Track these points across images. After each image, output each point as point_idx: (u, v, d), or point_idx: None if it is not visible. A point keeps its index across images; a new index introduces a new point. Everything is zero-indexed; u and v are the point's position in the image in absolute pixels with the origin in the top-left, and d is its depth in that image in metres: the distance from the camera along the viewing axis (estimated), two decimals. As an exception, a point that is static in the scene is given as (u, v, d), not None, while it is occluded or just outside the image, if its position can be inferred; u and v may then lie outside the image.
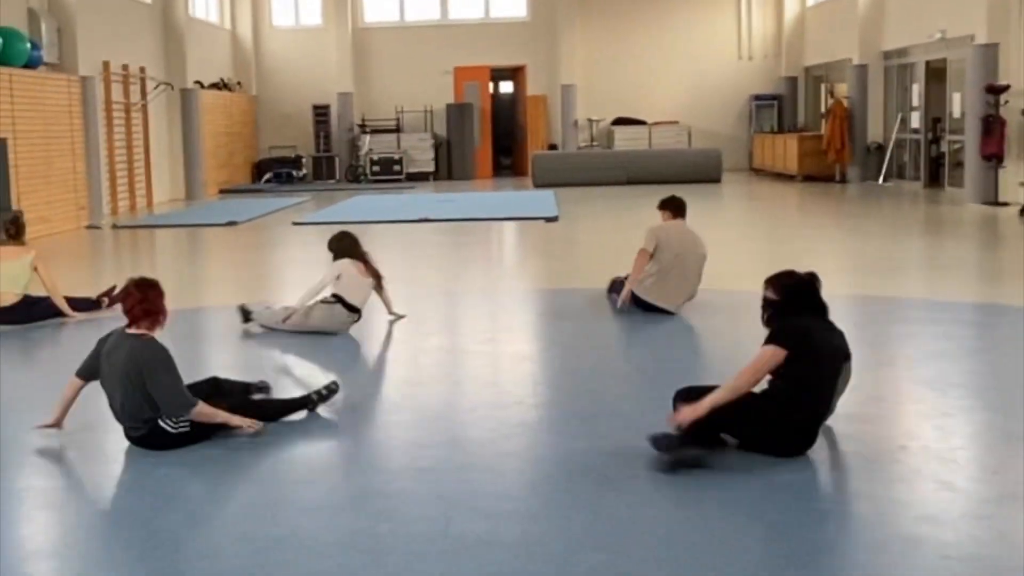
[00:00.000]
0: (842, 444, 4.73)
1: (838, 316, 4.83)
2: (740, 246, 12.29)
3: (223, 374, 5.66)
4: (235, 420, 4.96)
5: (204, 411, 4.86)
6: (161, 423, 4.83)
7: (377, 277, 7.56)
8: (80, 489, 4.65)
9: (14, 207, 12.52)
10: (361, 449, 5.01)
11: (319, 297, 7.36)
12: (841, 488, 4.27)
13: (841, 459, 4.54)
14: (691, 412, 4.43)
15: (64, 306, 8.06)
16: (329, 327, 7.31)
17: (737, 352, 7.03)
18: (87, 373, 5.02)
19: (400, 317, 7.79)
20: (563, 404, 5.66)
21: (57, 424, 5.05)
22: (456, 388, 6.22)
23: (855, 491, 4.25)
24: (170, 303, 5.09)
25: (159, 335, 4.96)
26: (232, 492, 4.44)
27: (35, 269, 8.13)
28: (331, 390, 5.45)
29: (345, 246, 7.57)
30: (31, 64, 14.85)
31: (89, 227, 15.85)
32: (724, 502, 4.11)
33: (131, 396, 4.79)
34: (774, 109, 25.49)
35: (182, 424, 4.84)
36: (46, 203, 14.94)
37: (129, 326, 4.92)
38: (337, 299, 7.33)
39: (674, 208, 8.26)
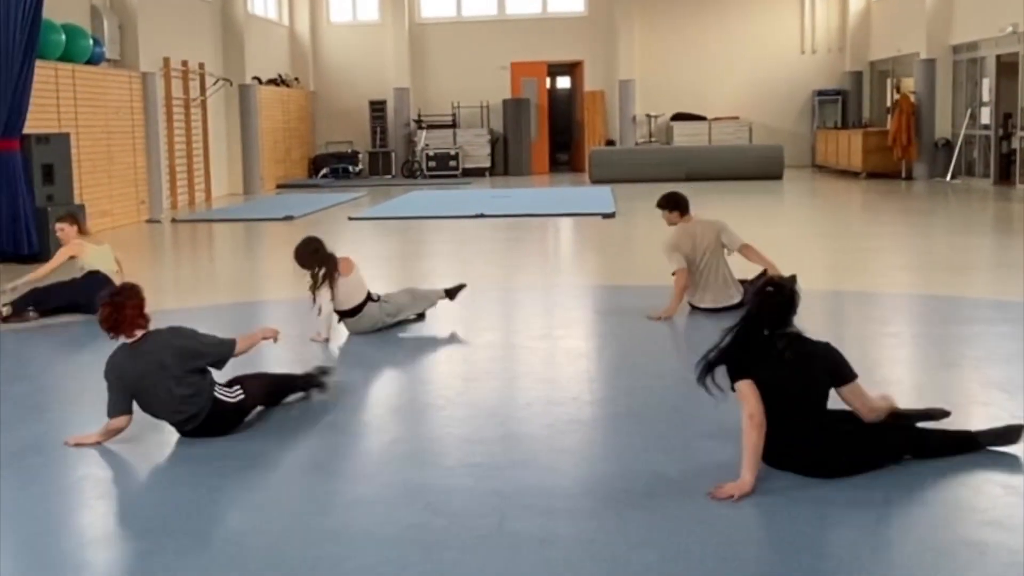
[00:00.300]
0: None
1: (904, 315, 4.64)
2: (802, 244, 12.05)
3: (278, 367, 5.64)
4: (267, 333, 5.41)
5: (242, 344, 5.12)
6: (217, 394, 4.89)
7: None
8: (136, 479, 4.65)
9: (76, 201, 12.66)
10: (415, 444, 4.95)
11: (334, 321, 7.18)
12: (906, 491, 4.09)
13: (906, 461, 4.36)
14: (738, 489, 4.04)
15: None
16: (368, 328, 7.20)
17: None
18: (126, 406, 4.91)
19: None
20: (619, 401, 5.54)
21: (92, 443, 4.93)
22: (511, 384, 6.13)
23: (920, 494, 4.08)
24: (227, 296, 5.07)
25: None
26: (286, 485, 4.41)
27: (117, 260, 8.36)
28: (323, 372, 5.61)
29: (320, 255, 7.09)
30: (93, 60, 15.03)
31: (149, 221, 16.03)
32: (784, 503, 3.97)
33: (181, 381, 4.81)
34: (838, 104, 25.03)
35: (236, 391, 4.96)
36: (107, 197, 15.13)
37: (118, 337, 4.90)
38: (341, 315, 7.18)
39: (683, 207, 8.03)
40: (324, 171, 24.94)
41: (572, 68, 27.05)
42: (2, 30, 11.24)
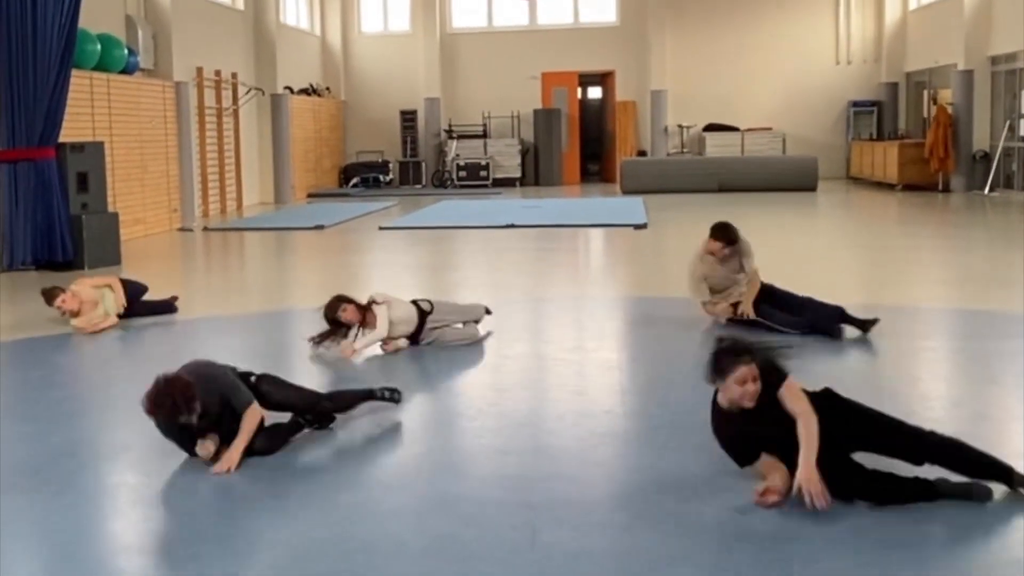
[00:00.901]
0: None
1: (941, 330, 4.53)
2: (838, 257, 11.93)
3: (309, 376, 5.59)
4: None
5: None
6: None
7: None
8: (170, 487, 4.61)
9: (110, 208, 12.74)
10: (447, 455, 4.90)
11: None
12: (945, 507, 3.97)
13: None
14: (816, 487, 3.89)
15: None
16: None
17: (832, 367, 6.74)
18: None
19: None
20: (653, 415, 5.46)
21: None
22: (543, 395, 6.07)
23: (959, 512, 3.95)
24: (258, 305, 5.04)
25: None
26: (319, 495, 4.36)
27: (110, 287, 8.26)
28: (392, 392, 5.43)
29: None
30: (128, 70, 15.15)
31: (181, 229, 16.11)
32: (825, 515, 3.87)
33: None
34: (873, 116, 24.79)
35: None
36: (141, 205, 15.22)
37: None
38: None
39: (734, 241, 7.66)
40: (355, 180, 25.01)
41: (603, 78, 26.99)
42: (39, 40, 11.33)
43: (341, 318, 6.73)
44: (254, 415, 4.70)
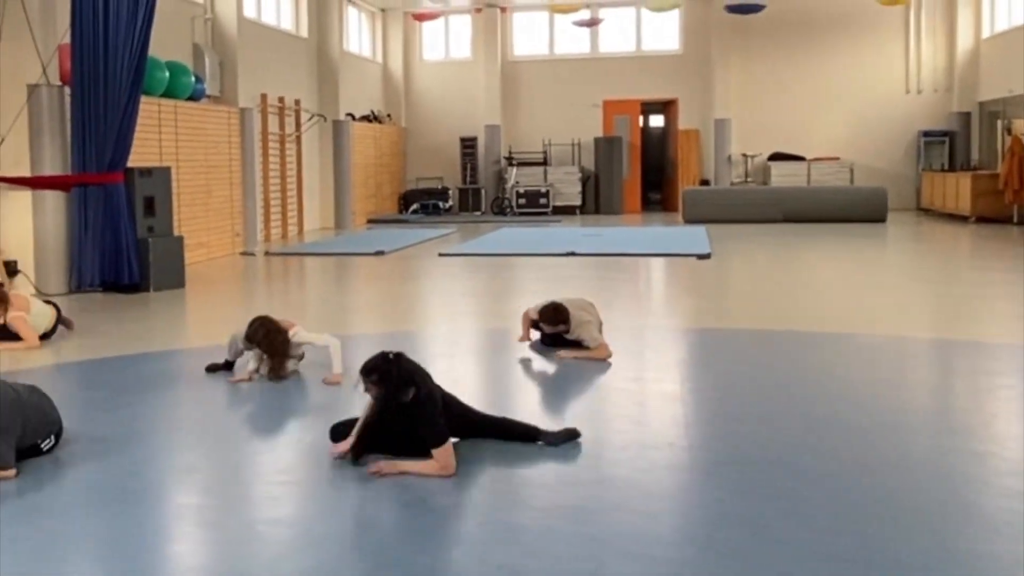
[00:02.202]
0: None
1: (1019, 366, 4.36)
2: (908, 290, 11.65)
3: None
4: None
5: None
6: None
7: None
8: (233, 507, 4.58)
9: (175, 232, 12.89)
10: (509, 484, 4.80)
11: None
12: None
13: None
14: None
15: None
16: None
17: (902, 401, 6.53)
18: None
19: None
20: (717, 448, 5.32)
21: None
22: (605, 426, 5.94)
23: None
24: (319, 328, 5.00)
25: None
26: (382, 522, 4.32)
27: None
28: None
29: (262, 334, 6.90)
30: (195, 96, 15.39)
31: (243, 253, 16.27)
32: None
33: None
34: (945, 146, 24.28)
35: None
36: (205, 229, 15.40)
37: None
38: None
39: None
40: (414, 207, 25.13)
41: (666, 106, 26.88)
42: (111, 68, 11.55)
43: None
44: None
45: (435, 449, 4.81)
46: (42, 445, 5.09)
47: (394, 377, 4.89)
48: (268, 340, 6.81)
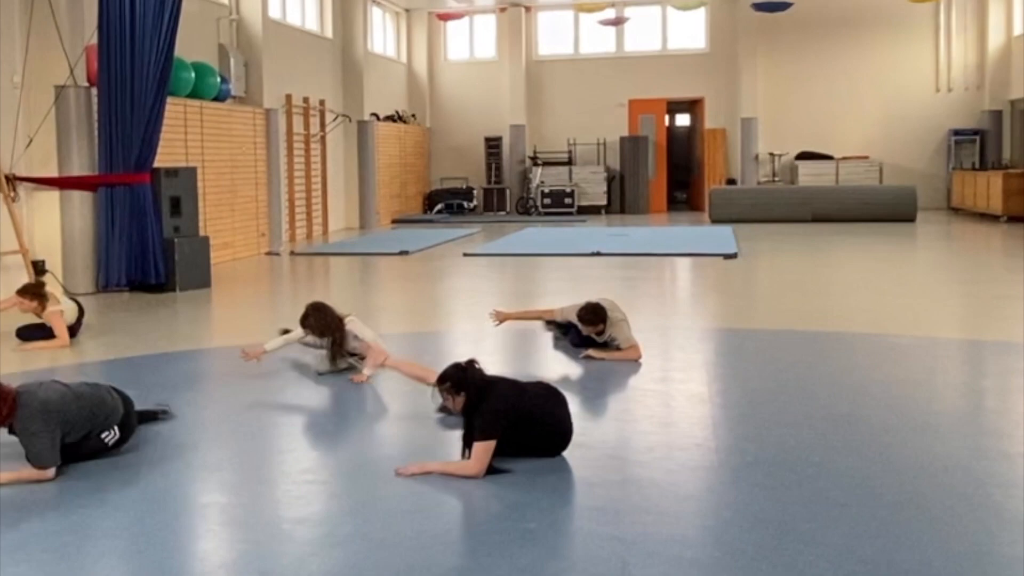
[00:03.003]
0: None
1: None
2: (939, 290, 11.53)
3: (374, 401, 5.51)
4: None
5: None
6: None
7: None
8: (258, 506, 4.58)
9: (201, 232, 12.94)
10: (534, 486, 4.76)
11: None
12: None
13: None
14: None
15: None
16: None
17: (932, 402, 6.45)
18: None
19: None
20: (746, 449, 5.26)
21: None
22: (631, 427, 5.89)
23: None
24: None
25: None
26: (408, 523, 4.29)
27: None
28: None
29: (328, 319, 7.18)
30: (220, 97, 15.44)
31: (268, 253, 16.32)
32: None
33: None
34: (975, 144, 24.01)
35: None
36: (230, 229, 15.46)
37: None
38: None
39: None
40: (439, 207, 25.14)
41: (692, 105, 26.75)
42: (137, 69, 11.60)
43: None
44: None
45: (478, 442, 4.78)
46: (104, 439, 5.07)
47: (470, 383, 4.96)
48: (319, 320, 6.96)
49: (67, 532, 4.17)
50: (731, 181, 25.13)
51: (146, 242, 11.81)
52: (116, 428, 5.11)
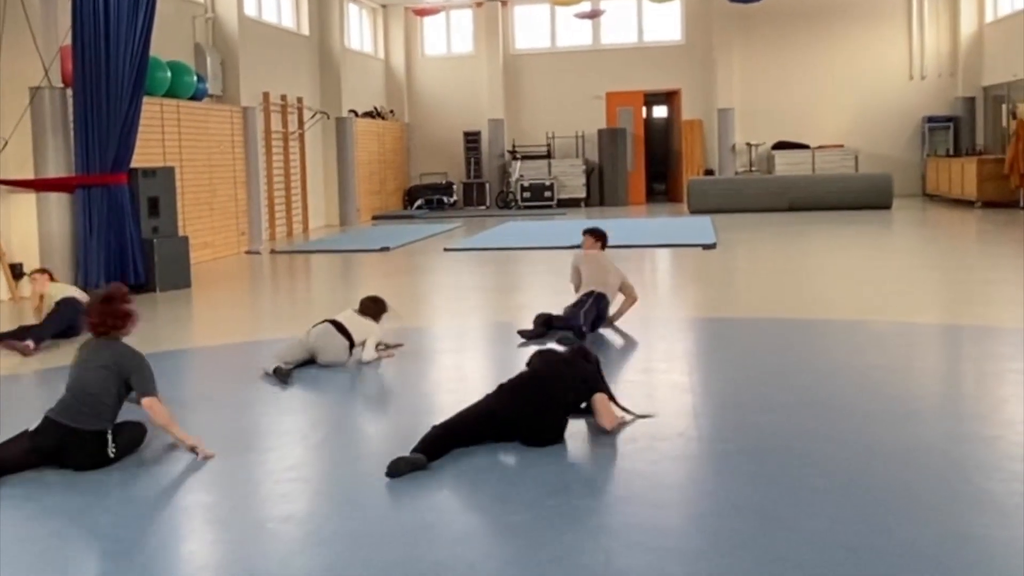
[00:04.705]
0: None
1: (1021, 350, 4.32)
2: (915, 276, 11.60)
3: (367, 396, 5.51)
4: (199, 447, 5.13)
5: (162, 416, 5.14)
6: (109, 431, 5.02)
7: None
8: (243, 505, 4.59)
9: (180, 233, 12.89)
10: (516, 478, 4.79)
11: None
12: None
13: None
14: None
15: None
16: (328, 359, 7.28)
17: (911, 387, 6.51)
18: None
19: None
20: (726, 438, 5.30)
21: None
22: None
23: None
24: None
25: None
26: (393, 519, 4.32)
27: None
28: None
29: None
30: (197, 96, 15.38)
31: (249, 252, 16.27)
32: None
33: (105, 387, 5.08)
34: (949, 131, 24.19)
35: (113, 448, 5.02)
36: (209, 229, 15.40)
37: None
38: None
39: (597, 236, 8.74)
40: (419, 202, 25.12)
41: (669, 97, 26.82)
42: (113, 69, 11.53)
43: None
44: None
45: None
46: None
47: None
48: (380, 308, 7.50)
49: (50, 536, 4.17)
50: (709, 172, 25.23)
51: (125, 243, 11.75)
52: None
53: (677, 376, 6.90)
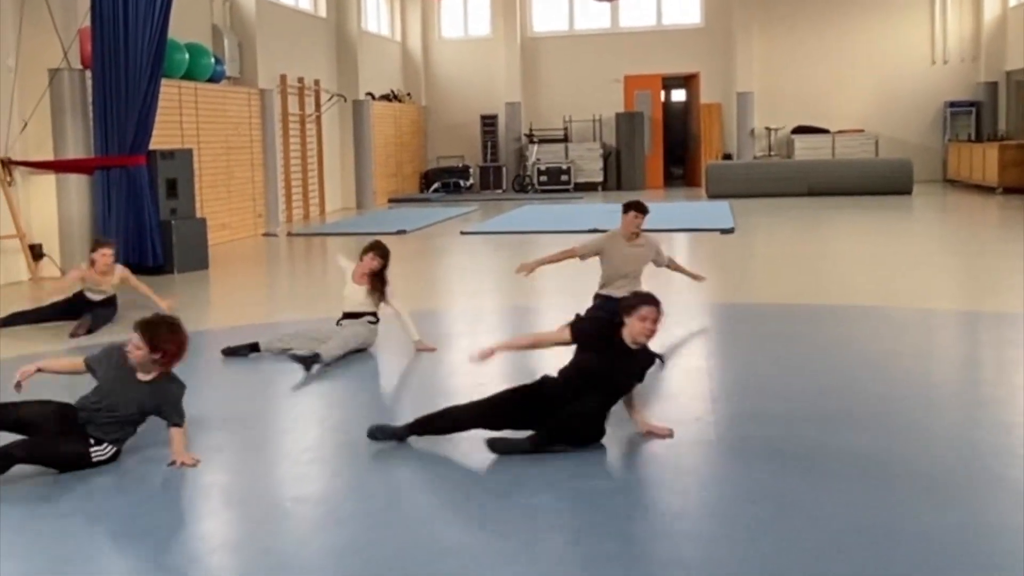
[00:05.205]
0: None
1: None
2: (935, 262, 11.54)
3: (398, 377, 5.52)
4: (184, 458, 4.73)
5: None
6: (94, 451, 4.68)
7: (373, 283, 7.17)
8: (261, 485, 4.62)
9: (198, 214, 12.92)
10: (534, 461, 4.78)
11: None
12: None
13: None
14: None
15: None
16: (358, 345, 7.03)
17: (929, 374, 6.48)
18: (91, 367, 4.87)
19: (425, 347, 7.14)
20: (744, 423, 5.29)
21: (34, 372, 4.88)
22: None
23: None
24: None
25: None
26: (409, 500, 4.33)
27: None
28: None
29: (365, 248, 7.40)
30: (215, 78, 15.38)
31: (266, 234, 16.31)
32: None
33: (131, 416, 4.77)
34: (971, 116, 23.96)
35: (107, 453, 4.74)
36: (227, 211, 15.44)
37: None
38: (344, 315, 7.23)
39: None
40: (435, 186, 25.10)
41: (688, 80, 26.67)
42: (131, 51, 11.55)
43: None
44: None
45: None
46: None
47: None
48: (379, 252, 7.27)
49: (66, 516, 4.19)
50: (727, 156, 25.10)
51: (143, 224, 11.80)
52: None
53: (695, 360, 6.89)
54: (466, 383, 6.27)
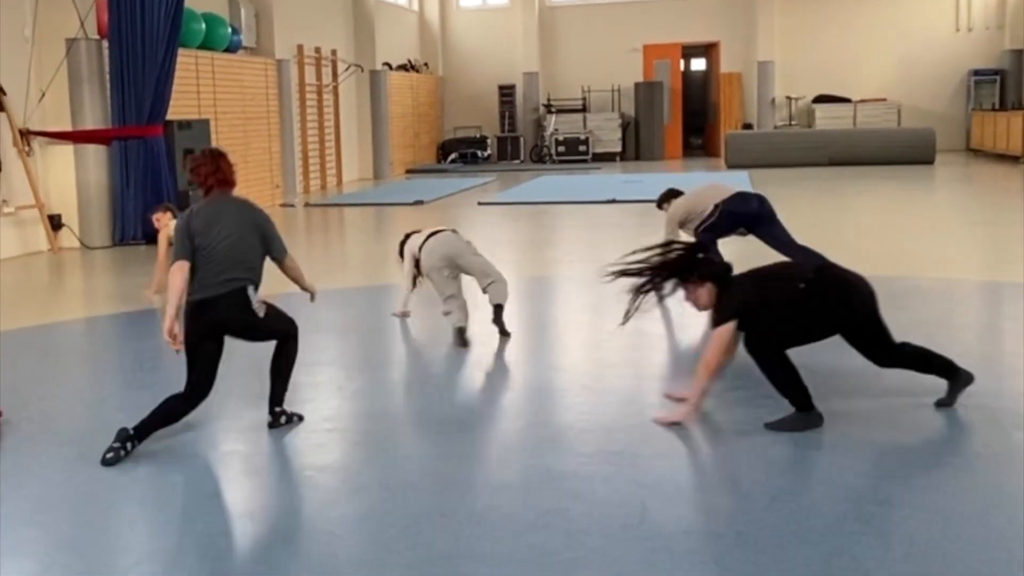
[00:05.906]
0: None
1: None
2: (957, 232, 11.43)
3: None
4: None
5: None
6: (252, 289, 4.75)
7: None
8: (280, 455, 4.63)
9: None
10: (552, 430, 4.80)
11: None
12: None
13: None
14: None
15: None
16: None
17: (951, 343, 6.42)
18: (189, 255, 4.73)
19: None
20: (762, 394, 5.21)
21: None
22: (647, 373, 5.92)
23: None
24: (359, 280, 4.99)
25: None
26: (429, 469, 4.34)
27: None
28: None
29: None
30: (231, 48, 15.35)
31: (283, 205, 16.32)
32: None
33: (249, 241, 4.88)
34: (995, 85, 23.69)
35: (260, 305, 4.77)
36: (243, 182, 15.35)
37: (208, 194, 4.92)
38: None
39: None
40: (453, 156, 25.04)
41: (707, 49, 26.45)
42: (148, 21, 11.53)
43: None
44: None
45: (716, 328, 4.69)
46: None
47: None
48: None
49: (91, 481, 4.22)
50: (747, 126, 24.91)
51: (161, 194, 11.81)
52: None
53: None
54: (485, 353, 6.27)
